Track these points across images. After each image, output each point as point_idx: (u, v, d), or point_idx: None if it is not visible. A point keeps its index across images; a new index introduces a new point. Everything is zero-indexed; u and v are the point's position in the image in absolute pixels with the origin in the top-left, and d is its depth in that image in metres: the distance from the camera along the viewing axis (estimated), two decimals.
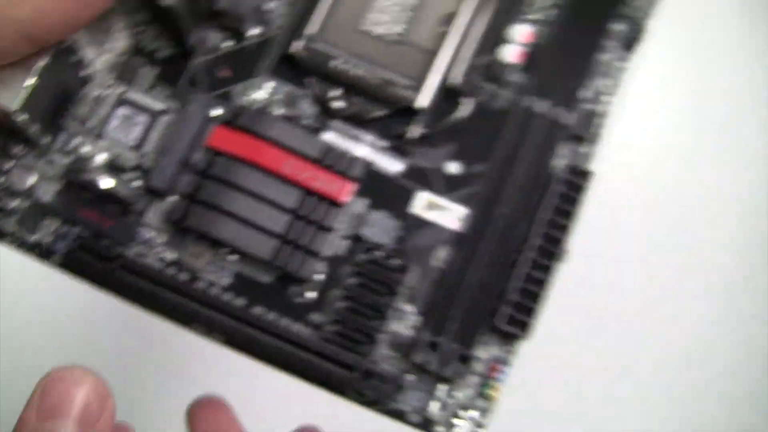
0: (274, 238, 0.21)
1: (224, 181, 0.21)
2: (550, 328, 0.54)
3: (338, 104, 0.23)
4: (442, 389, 0.22)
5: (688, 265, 0.57)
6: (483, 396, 0.22)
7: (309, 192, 0.22)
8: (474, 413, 0.22)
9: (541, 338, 0.53)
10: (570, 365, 0.52)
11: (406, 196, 0.23)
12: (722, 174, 0.62)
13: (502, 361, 0.23)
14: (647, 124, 0.65)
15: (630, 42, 0.27)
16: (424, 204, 0.23)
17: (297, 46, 0.23)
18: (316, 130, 0.23)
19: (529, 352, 0.53)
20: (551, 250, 0.23)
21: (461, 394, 0.22)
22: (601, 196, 0.61)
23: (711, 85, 0.68)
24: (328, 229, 0.22)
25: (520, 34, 0.24)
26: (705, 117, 0.66)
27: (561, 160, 0.24)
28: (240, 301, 0.22)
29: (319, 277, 0.22)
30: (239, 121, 0.22)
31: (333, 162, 0.22)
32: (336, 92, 0.23)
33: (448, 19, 0.23)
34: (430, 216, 0.22)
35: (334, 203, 0.22)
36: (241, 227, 0.21)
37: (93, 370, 0.18)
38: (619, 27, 0.26)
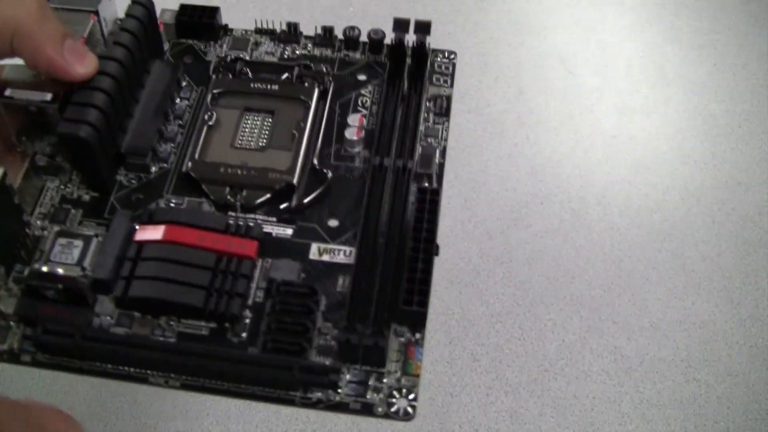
0: (202, 290, 0.26)
1: (154, 258, 0.27)
2: (550, 331, 0.54)
3: (230, 199, 0.30)
4: (373, 377, 0.26)
5: (688, 265, 0.57)
6: (408, 374, 0.27)
7: (222, 254, 0.27)
8: (404, 391, 0.27)
9: (541, 339, 0.53)
10: (572, 366, 0.52)
11: (304, 249, 0.29)
12: (722, 174, 0.62)
13: (415, 343, 0.27)
14: (646, 124, 0.65)
15: (442, 111, 0.36)
16: (317, 251, 0.29)
17: (188, 166, 0.31)
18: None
19: (538, 364, 0.53)
20: (426, 247, 0.28)
21: (390, 378, 0.27)
22: (601, 198, 0.61)
23: (714, 85, 0.68)
24: (245, 276, 0.27)
25: (353, 120, 0.33)
26: (707, 117, 0.66)
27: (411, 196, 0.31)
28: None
29: (247, 319, 0.27)
30: (155, 217, 0.28)
31: (235, 230, 0.28)
32: (226, 190, 0.30)
33: (301, 126, 0.32)
34: (324, 258, 0.29)
35: (245, 259, 0.28)
36: (175, 287, 0.26)
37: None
38: (428, 105, 0.35)
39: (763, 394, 0.51)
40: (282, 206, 0.30)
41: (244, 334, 0.27)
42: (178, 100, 0.33)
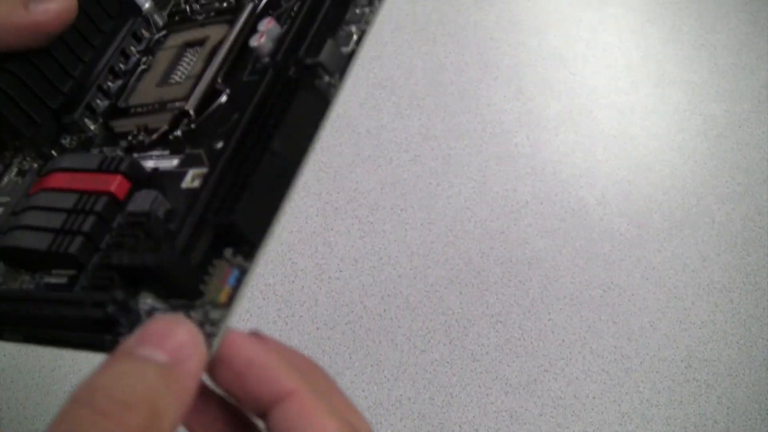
0: (51, 232, 0.25)
1: (24, 209, 0.26)
2: (550, 331, 0.54)
3: (134, 141, 0.28)
4: (195, 309, 0.22)
5: (688, 265, 0.57)
6: (213, 302, 0.22)
7: (83, 192, 0.25)
8: (208, 327, 0.22)
9: (541, 339, 0.53)
10: (572, 366, 0.52)
11: (181, 178, 0.26)
12: (722, 174, 0.62)
13: (233, 264, 0.22)
14: (646, 124, 0.65)
15: None
16: (190, 178, 0.26)
17: (111, 116, 0.29)
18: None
19: (538, 364, 0.53)
20: (259, 144, 0.24)
21: (196, 313, 0.22)
22: (601, 198, 0.61)
23: (714, 85, 0.68)
24: (96, 213, 0.25)
25: (263, 24, 0.28)
26: (707, 117, 0.66)
27: None
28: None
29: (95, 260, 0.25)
30: (46, 168, 0.27)
31: (107, 167, 0.26)
32: (133, 132, 0.28)
33: (216, 48, 0.28)
34: (195, 184, 0.26)
35: (106, 194, 0.25)
36: (29, 233, 0.25)
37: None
38: None
39: (763, 394, 0.51)
40: (172, 135, 0.27)
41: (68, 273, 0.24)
42: (136, 54, 0.31)
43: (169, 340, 0.18)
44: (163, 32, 0.31)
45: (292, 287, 0.57)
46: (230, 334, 0.21)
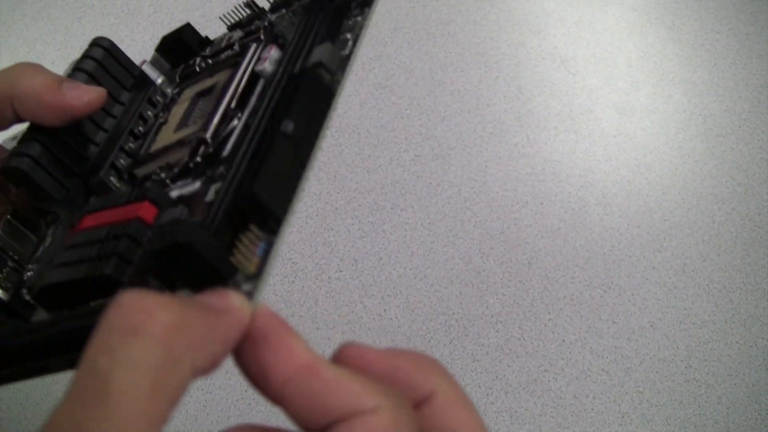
0: (87, 262, 0.25)
1: (60, 251, 0.27)
2: (550, 331, 0.54)
3: (156, 177, 0.29)
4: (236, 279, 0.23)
5: (688, 265, 0.57)
6: (244, 273, 0.22)
7: (113, 224, 0.26)
8: (248, 291, 0.22)
9: (541, 339, 0.53)
10: (572, 366, 0.52)
11: (204, 194, 0.27)
12: (722, 174, 0.62)
13: (262, 238, 0.23)
14: (646, 124, 0.65)
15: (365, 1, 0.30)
16: (213, 192, 0.26)
17: (135, 167, 0.30)
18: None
19: (538, 364, 0.53)
20: (271, 126, 0.26)
21: (236, 280, 0.22)
22: (601, 198, 0.61)
23: (714, 85, 0.68)
24: (128, 236, 0.25)
25: (266, 52, 0.31)
26: (707, 117, 0.66)
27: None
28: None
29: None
30: (77, 215, 0.29)
31: (134, 198, 0.27)
32: (151, 168, 0.29)
33: (222, 87, 0.30)
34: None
35: (138, 219, 0.26)
36: (64, 268, 0.25)
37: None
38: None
39: (763, 394, 0.51)
40: (192, 164, 0.28)
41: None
42: (152, 118, 0.33)
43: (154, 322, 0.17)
44: (177, 90, 0.33)
45: (292, 287, 0.57)
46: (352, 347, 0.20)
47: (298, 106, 0.25)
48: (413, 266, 0.57)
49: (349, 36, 0.29)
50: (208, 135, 0.28)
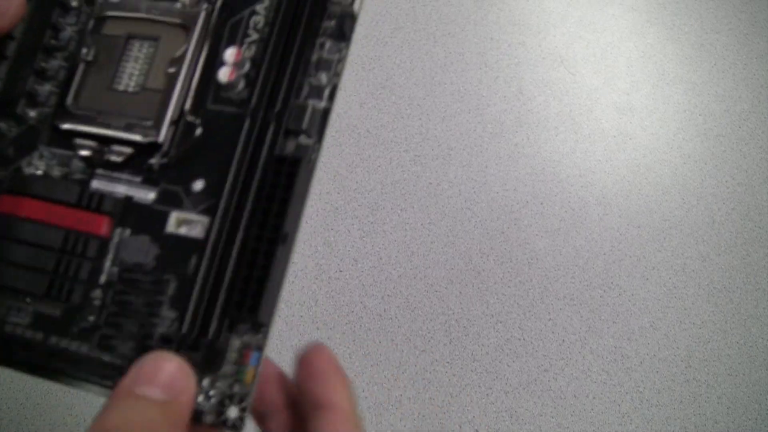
0: (46, 275, 0.25)
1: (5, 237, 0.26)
2: (550, 331, 0.54)
3: (96, 156, 0.27)
4: (205, 381, 0.24)
5: (688, 265, 0.57)
6: (240, 381, 0.24)
7: (71, 231, 0.26)
8: (236, 398, 0.24)
9: (541, 339, 0.53)
10: (572, 366, 0.52)
11: (163, 218, 0.26)
12: (722, 174, 0.62)
13: (252, 347, 0.24)
14: (646, 124, 0.65)
15: (340, 32, 0.28)
16: (174, 222, 0.26)
17: (58, 116, 0.28)
18: (85, 182, 0.27)
19: (538, 364, 0.53)
20: (270, 236, 0.25)
21: (222, 383, 0.24)
22: (601, 198, 0.61)
23: (714, 85, 0.68)
24: (90, 259, 0.25)
25: (230, 55, 0.27)
26: (707, 117, 0.66)
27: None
28: (39, 335, 0.26)
29: (97, 302, 0.25)
30: (3, 186, 0.27)
31: (88, 203, 0.26)
32: (93, 145, 0.27)
33: (178, 60, 0.27)
34: (182, 231, 0.26)
35: (95, 236, 0.26)
36: (17, 271, 0.25)
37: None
38: (328, 23, 0.28)
39: (763, 394, 0.51)
40: (145, 165, 0.26)
41: (91, 318, 0.25)
42: (67, 28, 0.29)
43: (161, 376, 0.21)
44: (101, 13, 0.28)
45: (292, 287, 0.57)
46: (321, 346, 0.25)
47: (294, 199, 0.25)
48: (413, 266, 0.57)
49: (324, 78, 0.27)
50: (161, 138, 0.26)
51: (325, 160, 0.63)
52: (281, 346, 0.52)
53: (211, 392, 0.24)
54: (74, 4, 0.29)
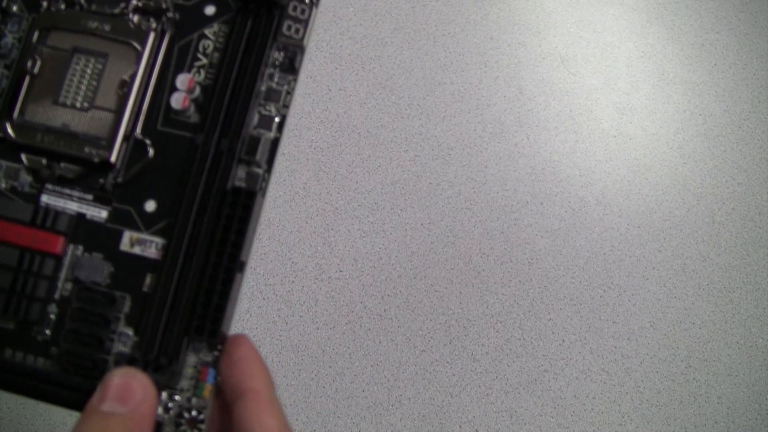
0: (2, 293, 0.26)
1: None
2: (550, 331, 0.54)
3: (46, 171, 0.27)
4: (163, 396, 0.25)
5: (688, 265, 0.57)
6: (198, 396, 0.25)
7: (26, 250, 0.26)
8: (194, 412, 0.25)
9: (541, 339, 0.53)
10: (572, 366, 0.52)
11: (116, 237, 0.27)
12: (722, 174, 0.62)
13: (209, 364, 0.26)
14: (646, 124, 0.65)
15: (290, 65, 0.28)
16: (128, 241, 0.27)
17: (4, 128, 0.27)
18: (34, 196, 0.27)
19: (538, 364, 0.53)
20: (228, 264, 0.26)
21: (180, 398, 0.25)
22: (601, 198, 0.61)
23: (714, 85, 0.68)
24: (46, 277, 0.26)
25: (183, 82, 0.27)
26: (707, 117, 0.66)
27: (239, 183, 0.27)
28: None
29: (52, 316, 0.26)
30: None
31: (42, 222, 0.26)
32: (42, 161, 0.27)
33: (128, 82, 0.27)
34: (136, 250, 0.26)
35: (51, 255, 0.26)
36: None
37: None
38: (277, 55, 0.28)
39: (763, 394, 0.51)
40: (96, 184, 0.27)
41: (47, 332, 0.26)
42: (8, 34, 0.28)
43: (127, 393, 0.22)
44: (45, 24, 0.27)
45: (292, 287, 0.57)
46: (241, 336, 0.26)
47: (249, 227, 0.25)
48: (413, 266, 0.57)
49: (273, 110, 0.27)
50: (113, 158, 0.26)
51: (326, 160, 0.63)
52: (281, 346, 0.52)
53: (171, 404, 0.25)
54: (15, 9, 0.28)
